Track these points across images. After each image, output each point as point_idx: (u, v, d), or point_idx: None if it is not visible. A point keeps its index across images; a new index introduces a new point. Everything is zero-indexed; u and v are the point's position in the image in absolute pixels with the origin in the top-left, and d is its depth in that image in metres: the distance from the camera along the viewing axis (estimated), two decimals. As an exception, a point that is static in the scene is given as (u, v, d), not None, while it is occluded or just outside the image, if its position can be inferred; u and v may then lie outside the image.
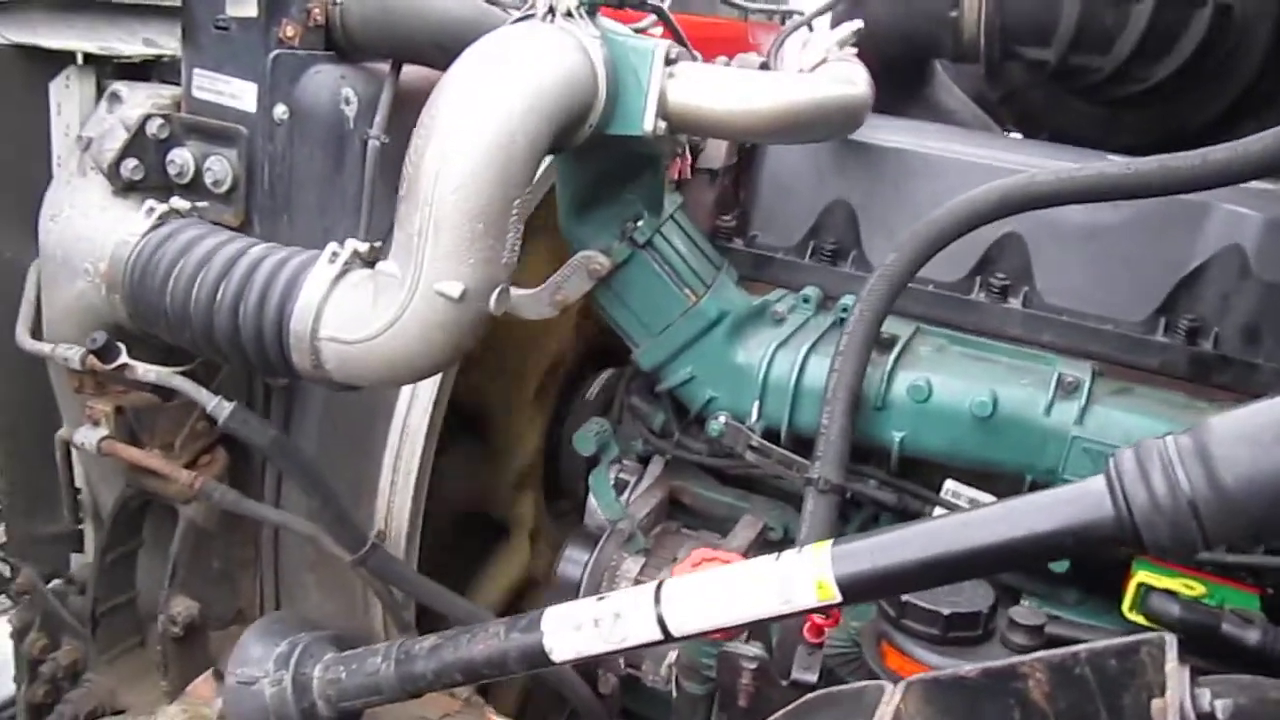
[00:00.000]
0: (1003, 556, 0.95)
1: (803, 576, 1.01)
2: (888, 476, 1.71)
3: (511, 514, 2.08)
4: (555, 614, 1.14)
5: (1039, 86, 2.57)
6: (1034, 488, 1.55)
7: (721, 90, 1.46)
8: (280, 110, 1.58)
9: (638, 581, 1.80)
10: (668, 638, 1.08)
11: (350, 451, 1.73)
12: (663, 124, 1.44)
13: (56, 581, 1.85)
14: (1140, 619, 1.49)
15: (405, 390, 1.70)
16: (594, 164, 1.58)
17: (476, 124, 1.27)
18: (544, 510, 2.16)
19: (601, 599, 1.12)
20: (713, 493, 1.92)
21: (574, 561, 1.90)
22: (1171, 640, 0.76)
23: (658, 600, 1.08)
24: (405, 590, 1.66)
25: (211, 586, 1.83)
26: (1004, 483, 1.64)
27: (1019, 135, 2.75)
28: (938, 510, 1.67)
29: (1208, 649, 1.42)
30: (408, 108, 1.58)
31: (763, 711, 1.35)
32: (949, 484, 1.71)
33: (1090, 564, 1.63)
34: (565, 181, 1.61)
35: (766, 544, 1.83)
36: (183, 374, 1.54)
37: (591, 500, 1.97)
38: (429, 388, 1.69)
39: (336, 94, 1.59)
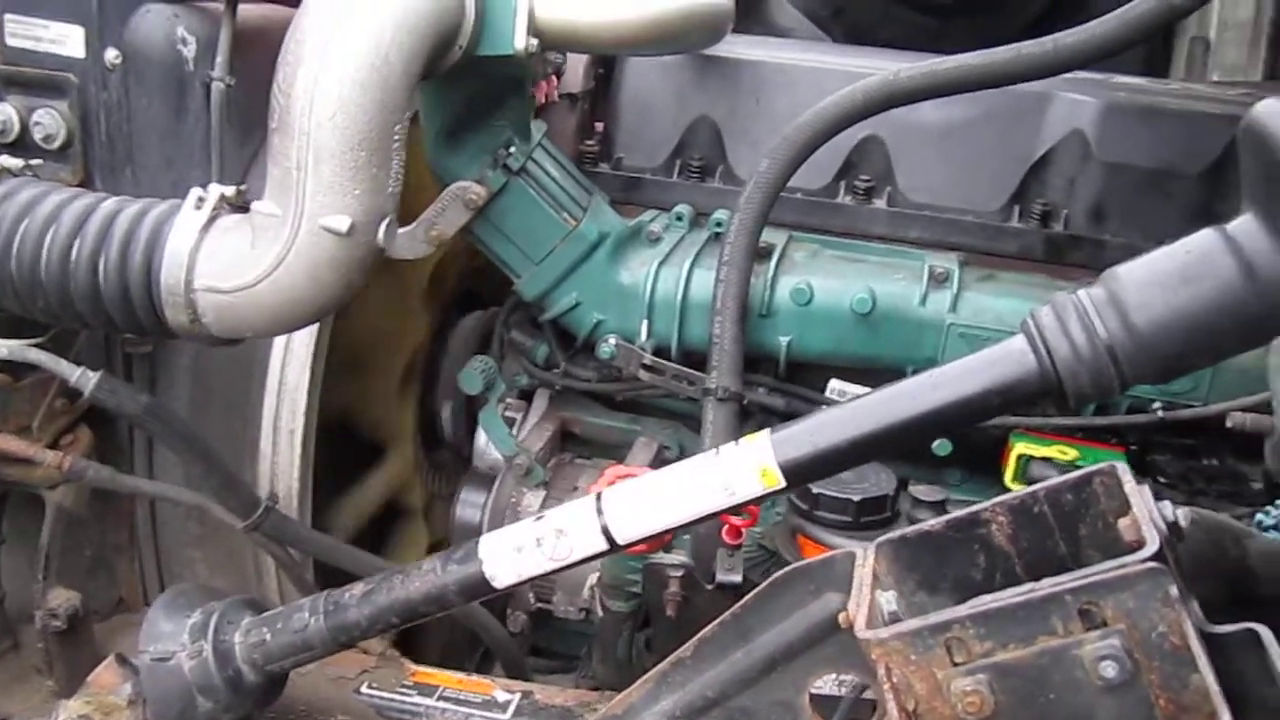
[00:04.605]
0: (934, 423, 0.99)
1: (745, 466, 1.02)
2: (776, 382, 1.74)
3: (390, 424, 1.98)
4: (492, 540, 1.12)
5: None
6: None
7: (590, 2, 1.43)
8: (112, 55, 1.48)
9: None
10: (614, 547, 1.07)
11: (225, 415, 1.64)
12: (534, 41, 1.41)
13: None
14: (1023, 487, 1.58)
15: (279, 344, 1.62)
16: (461, 90, 1.53)
17: (348, 44, 1.21)
18: (419, 442, 2.08)
19: (540, 518, 1.10)
20: (603, 419, 1.92)
21: (471, 504, 1.87)
22: (1124, 466, 0.81)
23: (599, 511, 1.07)
24: (306, 551, 1.60)
25: (87, 577, 1.71)
26: (886, 377, 1.68)
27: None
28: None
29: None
30: (248, 47, 1.51)
31: (690, 620, 1.37)
32: (834, 383, 1.76)
33: (969, 446, 1.72)
34: (432, 111, 1.55)
35: (665, 463, 1.83)
36: (37, 346, 1.41)
37: (480, 441, 1.93)
38: (305, 338, 1.61)
39: (171, 34, 1.49)
